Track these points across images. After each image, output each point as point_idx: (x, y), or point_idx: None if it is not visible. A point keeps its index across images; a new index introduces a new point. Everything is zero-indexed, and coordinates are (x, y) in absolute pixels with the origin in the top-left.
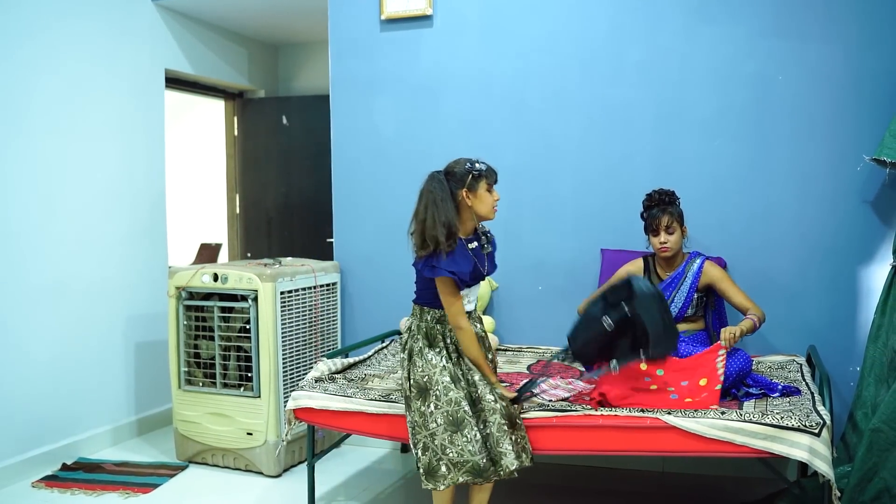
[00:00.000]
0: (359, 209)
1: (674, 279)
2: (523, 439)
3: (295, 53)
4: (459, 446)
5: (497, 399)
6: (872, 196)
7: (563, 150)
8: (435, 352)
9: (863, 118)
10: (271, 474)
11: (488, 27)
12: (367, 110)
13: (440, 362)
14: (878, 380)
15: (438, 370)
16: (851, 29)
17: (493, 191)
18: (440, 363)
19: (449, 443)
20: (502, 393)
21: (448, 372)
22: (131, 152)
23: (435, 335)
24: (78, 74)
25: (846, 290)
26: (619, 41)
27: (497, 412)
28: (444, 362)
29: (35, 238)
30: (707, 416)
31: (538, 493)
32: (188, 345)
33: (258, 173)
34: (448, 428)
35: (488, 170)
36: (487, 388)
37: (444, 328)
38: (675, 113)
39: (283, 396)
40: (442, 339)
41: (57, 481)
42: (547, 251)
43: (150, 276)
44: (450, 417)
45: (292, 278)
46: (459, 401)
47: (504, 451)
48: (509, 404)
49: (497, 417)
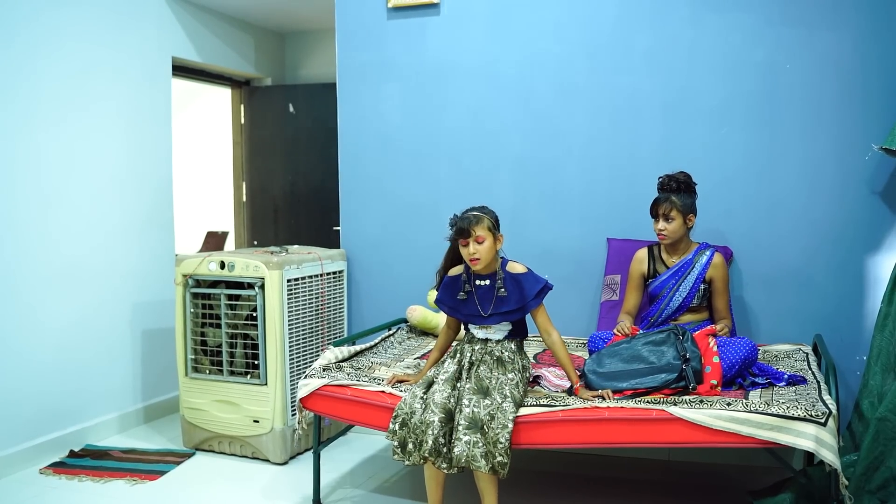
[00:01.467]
0: (365, 197)
1: (681, 267)
2: (486, 445)
3: (302, 41)
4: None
5: (469, 403)
6: (881, 186)
7: (570, 139)
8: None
9: (871, 107)
10: (278, 462)
11: (495, 15)
12: (373, 98)
13: (445, 363)
14: (884, 369)
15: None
16: (860, 17)
17: (468, 244)
18: (445, 363)
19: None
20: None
21: (445, 367)
22: (138, 140)
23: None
24: (84, 62)
25: (853, 279)
26: (626, 29)
27: (461, 412)
28: (448, 365)
29: (41, 226)
30: (713, 408)
31: (542, 480)
32: (195, 332)
33: (265, 161)
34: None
35: (455, 227)
36: (468, 397)
37: (460, 343)
38: (683, 101)
39: (290, 384)
40: (454, 351)
41: (64, 468)
42: (553, 240)
43: (156, 263)
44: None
45: (299, 266)
46: (435, 376)
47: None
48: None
49: (458, 415)
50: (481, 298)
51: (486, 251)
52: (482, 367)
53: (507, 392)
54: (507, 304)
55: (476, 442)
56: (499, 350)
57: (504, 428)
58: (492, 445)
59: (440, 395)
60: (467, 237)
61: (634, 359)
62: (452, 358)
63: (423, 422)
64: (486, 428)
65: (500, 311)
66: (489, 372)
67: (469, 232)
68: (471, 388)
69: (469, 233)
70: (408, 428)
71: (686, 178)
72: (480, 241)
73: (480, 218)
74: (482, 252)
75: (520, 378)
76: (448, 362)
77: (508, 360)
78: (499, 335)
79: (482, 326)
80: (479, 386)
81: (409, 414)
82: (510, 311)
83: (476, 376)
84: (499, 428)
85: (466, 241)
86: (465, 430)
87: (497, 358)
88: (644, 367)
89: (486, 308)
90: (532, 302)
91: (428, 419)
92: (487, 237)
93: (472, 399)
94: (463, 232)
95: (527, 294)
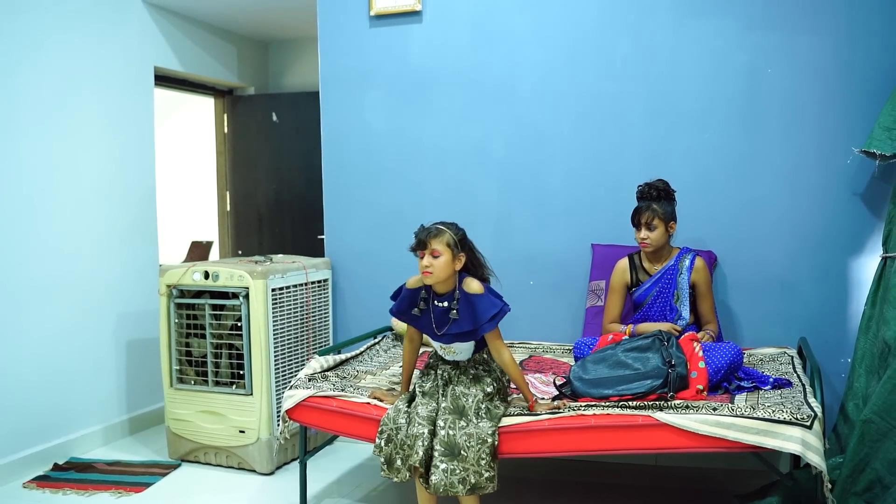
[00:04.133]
0: (350, 205)
1: (664, 274)
2: (464, 471)
3: (284, 50)
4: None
5: (445, 425)
6: (862, 188)
7: (554, 144)
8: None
9: (852, 110)
10: (264, 472)
11: (477, 22)
12: (357, 106)
13: (422, 379)
14: (868, 371)
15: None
16: (841, 21)
17: (424, 257)
18: (421, 379)
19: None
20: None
21: (421, 381)
22: (121, 150)
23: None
24: (66, 72)
25: (837, 281)
26: (608, 34)
27: (436, 436)
28: (424, 381)
29: (24, 237)
30: (699, 412)
31: (530, 485)
32: (180, 343)
33: (249, 170)
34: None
35: (416, 238)
36: (444, 417)
37: (433, 359)
38: (666, 106)
39: (276, 394)
40: (427, 368)
41: (49, 481)
42: (538, 246)
43: (140, 274)
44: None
45: (283, 275)
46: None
47: (419, 447)
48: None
49: (436, 442)
50: (437, 319)
51: (440, 267)
52: (459, 386)
53: (482, 410)
54: (460, 325)
55: (453, 469)
56: (472, 369)
57: (483, 444)
58: (473, 466)
59: (424, 408)
60: (423, 249)
61: (620, 365)
62: (427, 376)
63: (410, 436)
64: (465, 452)
65: (453, 332)
66: (465, 388)
67: (425, 244)
68: (447, 408)
69: (425, 244)
70: (394, 444)
71: (665, 185)
72: (436, 256)
73: (441, 232)
74: (436, 267)
75: (495, 387)
76: (424, 378)
77: (484, 374)
78: (465, 355)
79: (444, 348)
80: (456, 405)
81: (394, 430)
82: (463, 333)
83: (452, 394)
84: (477, 446)
85: (423, 254)
86: (442, 456)
87: (473, 376)
88: (630, 374)
89: (440, 328)
90: (486, 325)
91: (415, 432)
92: (445, 253)
93: (447, 420)
94: (420, 243)
95: (479, 317)
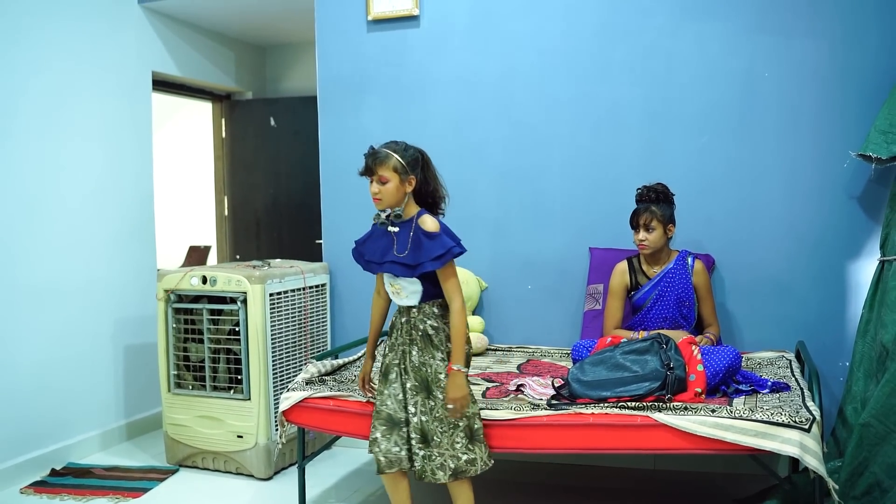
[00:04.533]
0: (347, 210)
1: (664, 276)
2: (440, 456)
3: (282, 54)
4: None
5: (416, 410)
6: (859, 192)
7: (551, 149)
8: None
9: (849, 114)
10: (262, 477)
11: (475, 26)
12: (354, 111)
13: (386, 354)
14: (867, 374)
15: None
16: (836, 24)
17: (372, 183)
18: (385, 355)
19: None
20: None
21: (384, 367)
22: (119, 155)
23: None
24: (64, 77)
25: (834, 285)
26: (605, 39)
27: (409, 423)
28: (385, 356)
29: (22, 241)
30: (697, 414)
31: (527, 490)
32: (177, 348)
33: (246, 175)
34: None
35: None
36: (413, 400)
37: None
38: (663, 110)
39: (274, 399)
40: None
41: (46, 487)
42: (536, 250)
43: (138, 278)
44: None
45: (281, 280)
46: (384, 400)
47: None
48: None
49: (410, 429)
50: (386, 244)
51: (388, 193)
52: (414, 350)
53: (441, 382)
54: (405, 258)
55: (429, 455)
56: (422, 322)
57: (455, 428)
58: (448, 451)
59: (392, 399)
60: (370, 175)
61: (619, 367)
62: (391, 351)
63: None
64: (437, 437)
65: (392, 260)
66: (421, 355)
67: (372, 170)
68: (413, 388)
69: (372, 171)
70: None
71: (664, 188)
72: (384, 182)
73: (387, 156)
74: (384, 193)
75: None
76: (389, 348)
77: (433, 334)
78: (412, 299)
79: (392, 286)
80: (419, 378)
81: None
82: (403, 265)
83: (413, 367)
84: (450, 430)
85: (371, 180)
86: (419, 444)
87: (423, 333)
88: (628, 376)
89: (386, 254)
90: (428, 264)
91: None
92: (392, 178)
93: (417, 403)
94: (367, 169)
95: (424, 254)
